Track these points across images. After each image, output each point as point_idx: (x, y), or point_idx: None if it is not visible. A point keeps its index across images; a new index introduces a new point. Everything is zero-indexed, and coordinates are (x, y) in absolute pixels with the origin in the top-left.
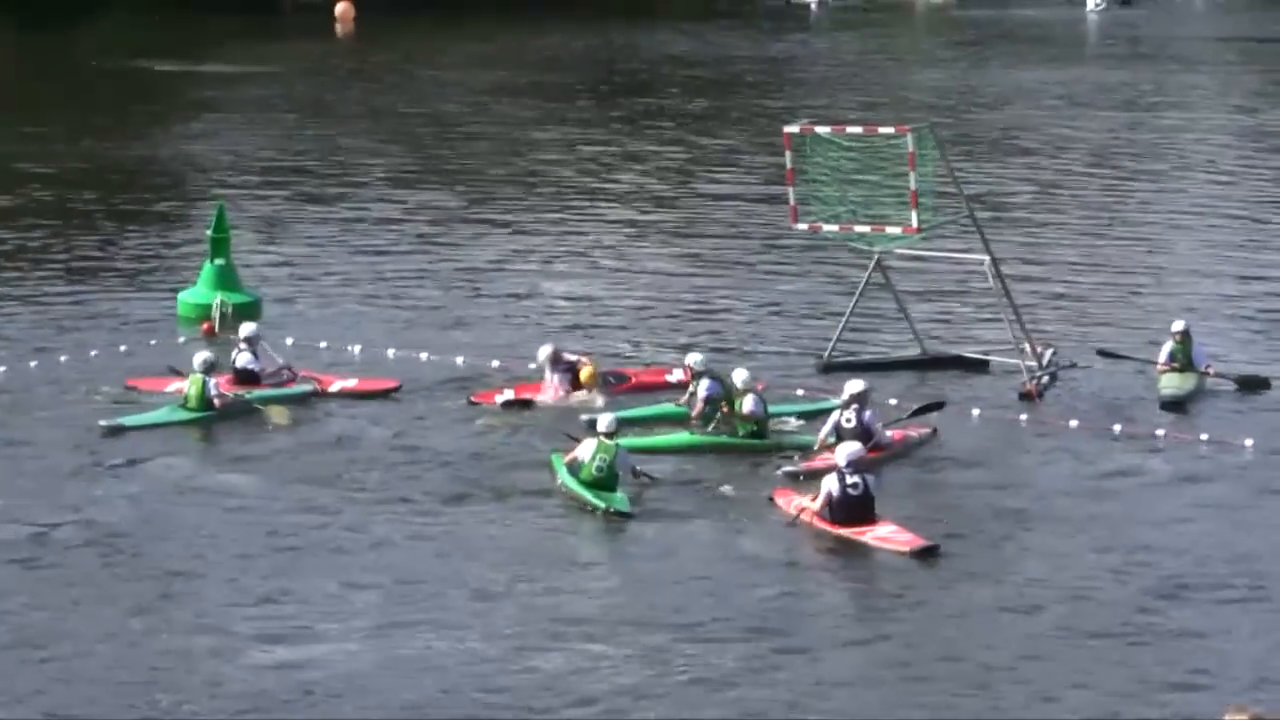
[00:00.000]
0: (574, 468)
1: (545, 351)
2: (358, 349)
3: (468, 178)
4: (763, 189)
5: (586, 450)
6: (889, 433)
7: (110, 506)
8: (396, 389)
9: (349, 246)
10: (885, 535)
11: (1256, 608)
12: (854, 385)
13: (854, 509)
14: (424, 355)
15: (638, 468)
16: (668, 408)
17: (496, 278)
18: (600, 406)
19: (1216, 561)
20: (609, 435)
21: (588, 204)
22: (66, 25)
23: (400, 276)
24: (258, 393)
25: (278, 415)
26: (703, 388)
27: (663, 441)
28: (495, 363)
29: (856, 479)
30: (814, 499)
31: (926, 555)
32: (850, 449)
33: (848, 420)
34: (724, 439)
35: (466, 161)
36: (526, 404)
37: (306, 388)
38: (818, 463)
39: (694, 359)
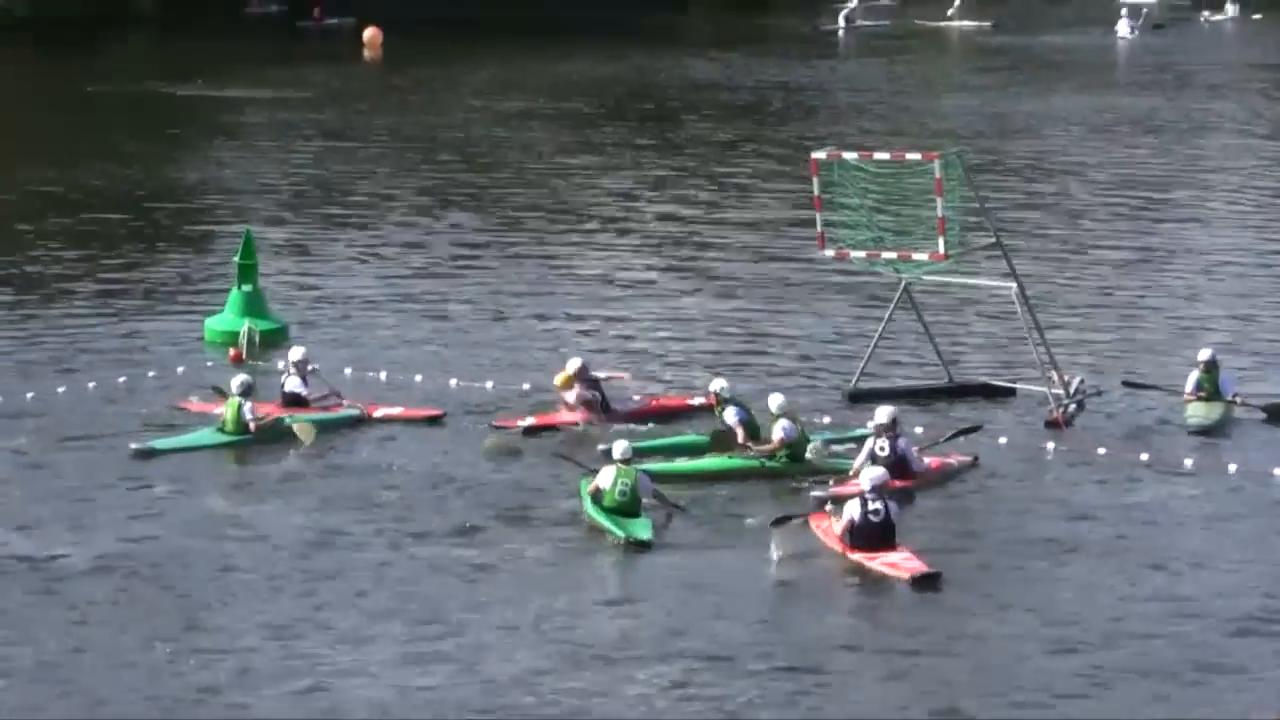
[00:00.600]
0: (597, 496)
1: (574, 365)
2: (384, 375)
3: (494, 203)
4: (790, 215)
5: (607, 478)
6: (926, 459)
7: (136, 531)
8: (441, 417)
9: (376, 272)
10: (893, 562)
11: None
12: (883, 413)
13: (873, 535)
14: (452, 381)
15: (658, 491)
16: (690, 436)
17: (523, 303)
18: (622, 430)
19: (1247, 592)
20: (625, 461)
21: (614, 230)
22: (89, 49)
23: (427, 302)
24: (296, 415)
25: (303, 432)
26: (729, 414)
27: (697, 466)
28: (525, 385)
29: (879, 505)
30: (836, 520)
31: (927, 583)
32: (874, 474)
33: (881, 449)
34: (761, 463)
35: (493, 187)
36: (548, 430)
37: (352, 413)
38: (849, 488)
39: (719, 385)
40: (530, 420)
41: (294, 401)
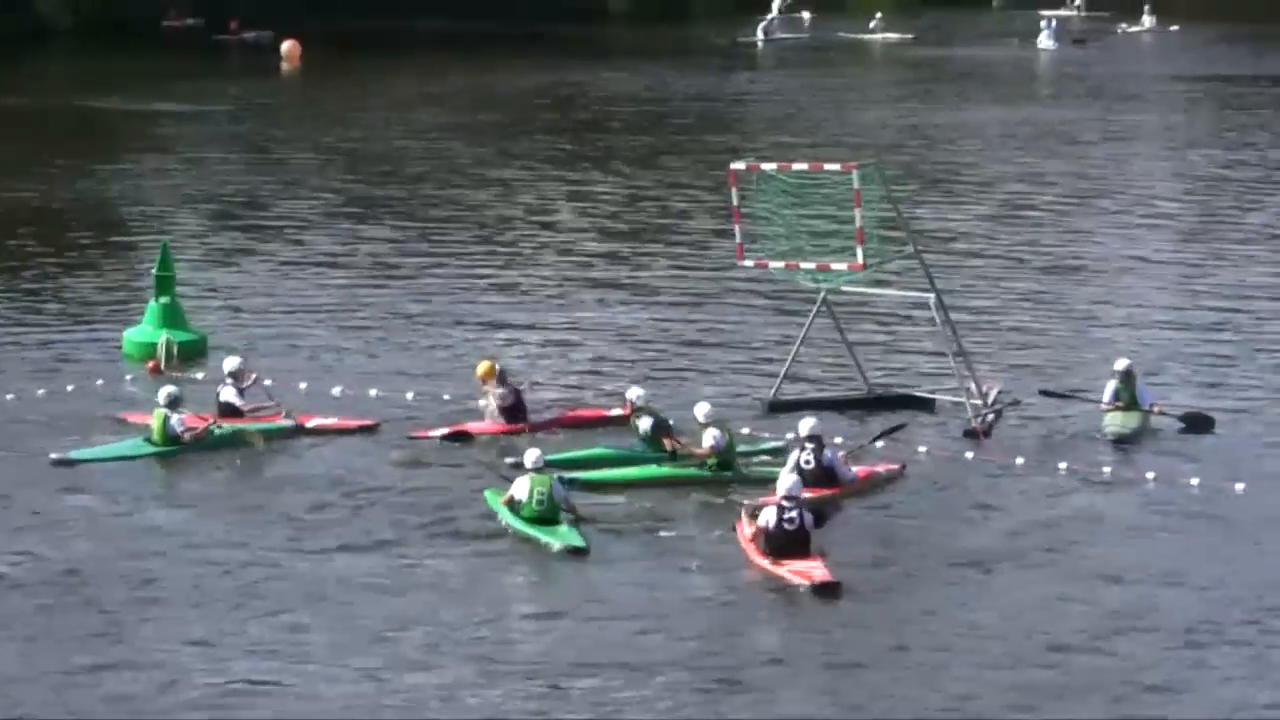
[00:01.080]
0: (514, 507)
1: (486, 367)
2: (304, 385)
3: (413, 215)
4: (709, 226)
5: (522, 488)
6: (854, 469)
7: (55, 542)
8: (375, 427)
9: (295, 284)
10: (800, 570)
11: (1209, 647)
12: (806, 424)
13: (787, 542)
14: (372, 391)
15: (569, 500)
16: (605, 450)
17: (443, 314)
18: (537, 440)
19: (1167, 602)
20: (538, 470)
21: (534, 241)
22: (4, 63)
23: (347, 313)
24: (227, 426)
25: (254, 439)
26: (645, 423)
27: (626, 474)
28: (446, 395)
29: (794, 514)
30: (753, 527)
31: (827, 591)
32: (789, 482)
33: (807, 461)
34: (691, 471)
35: (412, 198)
36: (465, 437)
37: (287, 423)
38: (773, 499)
39: (635, 394)
40: (444, 430)
41: (229, 412)
